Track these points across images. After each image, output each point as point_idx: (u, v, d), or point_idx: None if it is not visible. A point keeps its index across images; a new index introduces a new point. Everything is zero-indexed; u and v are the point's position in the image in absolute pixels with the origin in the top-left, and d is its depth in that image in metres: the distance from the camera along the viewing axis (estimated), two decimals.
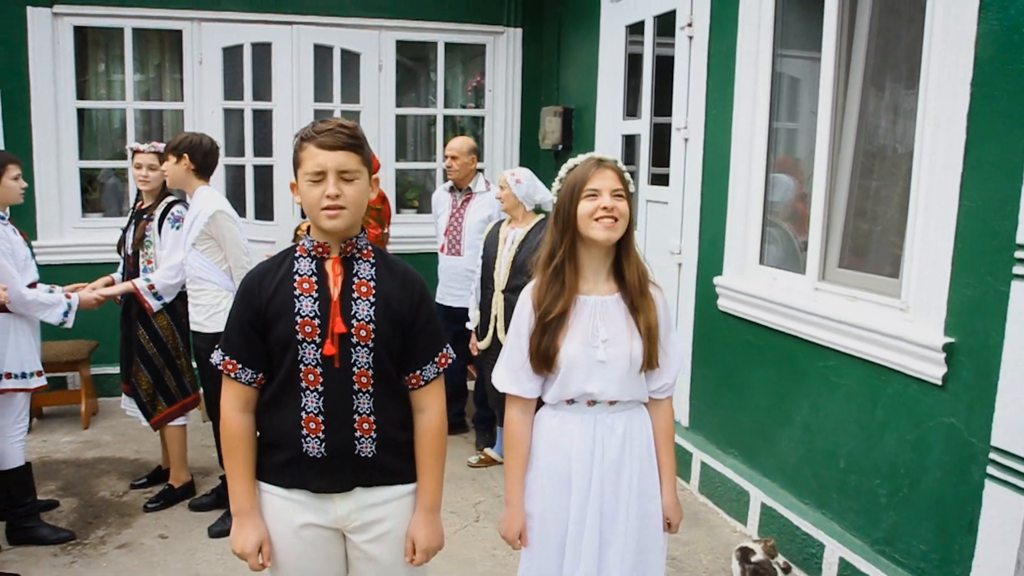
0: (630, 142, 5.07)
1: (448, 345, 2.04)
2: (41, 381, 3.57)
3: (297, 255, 1.93)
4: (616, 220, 2.04)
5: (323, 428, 1.87)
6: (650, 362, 2.10)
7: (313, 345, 1.85)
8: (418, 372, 1.96)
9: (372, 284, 1.90)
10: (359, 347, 1.87)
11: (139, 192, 4.11)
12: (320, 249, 1.91)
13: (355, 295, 1.88)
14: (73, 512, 3.94)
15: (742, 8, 3.77)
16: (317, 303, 1.86)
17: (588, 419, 2.12)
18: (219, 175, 5.78)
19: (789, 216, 3.85)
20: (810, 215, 3.45)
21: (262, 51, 5.77)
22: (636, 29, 4.88)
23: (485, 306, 4.25)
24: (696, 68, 4.17)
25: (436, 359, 1.98)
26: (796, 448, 3.50)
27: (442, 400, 2.02)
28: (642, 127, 4.81)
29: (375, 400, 1.90)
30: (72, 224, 5.58)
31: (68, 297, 3.57)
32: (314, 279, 1.89)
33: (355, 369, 1.87)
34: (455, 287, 4.84)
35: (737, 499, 3.85)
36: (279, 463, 1.91)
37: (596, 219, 2.03)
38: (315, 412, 1.87)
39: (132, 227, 4.05)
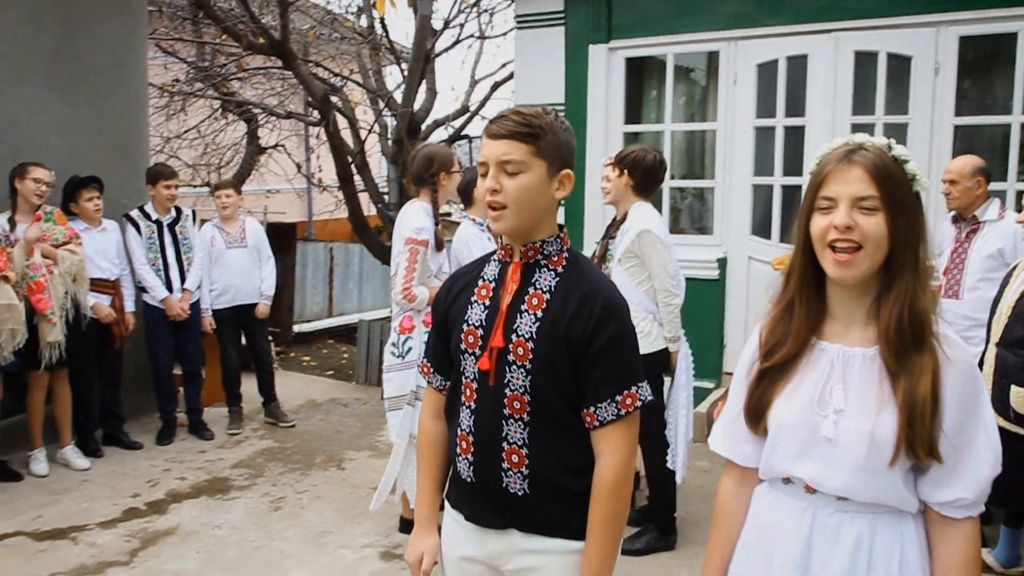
0: None
1: (642, 383, 1.65)
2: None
3: (494, 258, 1.79)
4: (858, 249, 1.40)
5: (471, 451, 1.71)
6: (914, 451, 1.37)
7: (473, 357, 1.71)
8: (592, 409, 1.64)
9: (547, 297, 1.66)
10: (515, 367, 1.65)
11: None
12: (504, 252, 1.75)
13: (523, 307, 1.67)
14: None
15: None
16: (487, 312, 1.71)
17: (804, 511, 1.50)
18: (745, 196, 5.70)
19: None
20: None
21: (796, 65, 5.44)
22: None
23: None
24: None
25: (617, 398, 1.63)
26: None
27: (624, 449, 1.64)
28: None
29: (530, 431, 1.65)
30: None
31: None
32: (492, 285, 1.74)
33: (507, 391, 1.66)
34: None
35: None
36: (452, 477, 1.84)
37: (830, 243, 1.43)
38: (467, 431, 1.72)
39: (600, 242, 4.24)
